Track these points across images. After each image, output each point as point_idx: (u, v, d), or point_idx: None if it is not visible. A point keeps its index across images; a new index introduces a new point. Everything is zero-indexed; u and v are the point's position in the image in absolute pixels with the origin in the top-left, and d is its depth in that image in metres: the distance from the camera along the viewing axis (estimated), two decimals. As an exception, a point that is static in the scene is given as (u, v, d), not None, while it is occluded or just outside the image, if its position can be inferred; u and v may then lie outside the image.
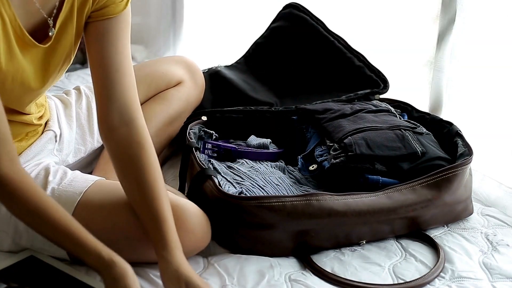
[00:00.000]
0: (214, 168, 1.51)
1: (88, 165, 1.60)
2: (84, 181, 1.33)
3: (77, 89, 1.58)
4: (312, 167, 1.54)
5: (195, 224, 1.28)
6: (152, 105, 1.64)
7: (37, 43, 1.22)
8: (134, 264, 1.30)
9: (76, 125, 1.52)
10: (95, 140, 1.56)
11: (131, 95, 1.30)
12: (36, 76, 1.26)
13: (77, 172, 1.38)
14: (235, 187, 1.44)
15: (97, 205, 1.28)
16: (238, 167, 1.53)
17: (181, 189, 1.51)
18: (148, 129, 1.61)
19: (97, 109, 1.31)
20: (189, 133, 1.60)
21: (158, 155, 1.68)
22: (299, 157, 1.60)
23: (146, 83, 1.67)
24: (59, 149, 1.47)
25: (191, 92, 1.75)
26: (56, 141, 1.46)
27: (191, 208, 1.29)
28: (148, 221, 1.23)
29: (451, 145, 1.57)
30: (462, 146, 1.54)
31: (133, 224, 1.26)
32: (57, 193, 1.29)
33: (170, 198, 1.28)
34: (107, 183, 1.35)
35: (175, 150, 1.79)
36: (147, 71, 1.70)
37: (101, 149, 1.60)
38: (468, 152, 1.50)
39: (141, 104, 1.63)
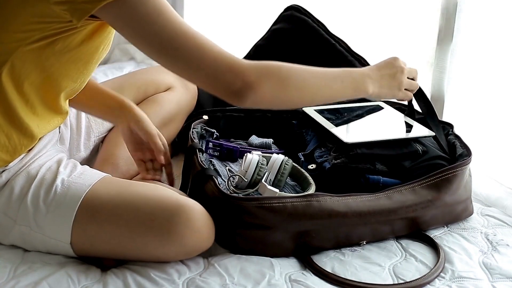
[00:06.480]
0: (215, 169, 1.52)
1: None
2: (93, 175, 1.36)
3: None
4: (312, 166, 1.54)
5: (202, 224, 1.29)
6: (143, 108, 1.66)
7: None
8: (136, 262, 1.31)
9: (69, 123, 1.56)
10: (82, 138, 1.60)
11: None
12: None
13: (87, 167, 1.41)
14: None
15: (104, 198, 1.30)
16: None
17: (183, 189, 1.51)
18: None
19: None
20: (192, 132, 1.60)
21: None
22: (300, 154, 1.60)
23: (136, 87, 1.72)
24: (61, 142, 1.51)
25: (182, 96, 1.79)
26: (59, 132, 1.49)
27: (198, 208, 1.30)
28: None
29: (449, 146, 1.57)
30: (461, 147, 1.54)
31: (137, 220, 1.27)
32: (66, 184, 1.32)
33: (178, 197, 1.30)
34: (115, 179, 1.38)
35: (173, 152, 1.79)
36: (137, 77, 1.77)
37: (94, 152, 1.63)
38: (467, 152, 1.51)
39: None
